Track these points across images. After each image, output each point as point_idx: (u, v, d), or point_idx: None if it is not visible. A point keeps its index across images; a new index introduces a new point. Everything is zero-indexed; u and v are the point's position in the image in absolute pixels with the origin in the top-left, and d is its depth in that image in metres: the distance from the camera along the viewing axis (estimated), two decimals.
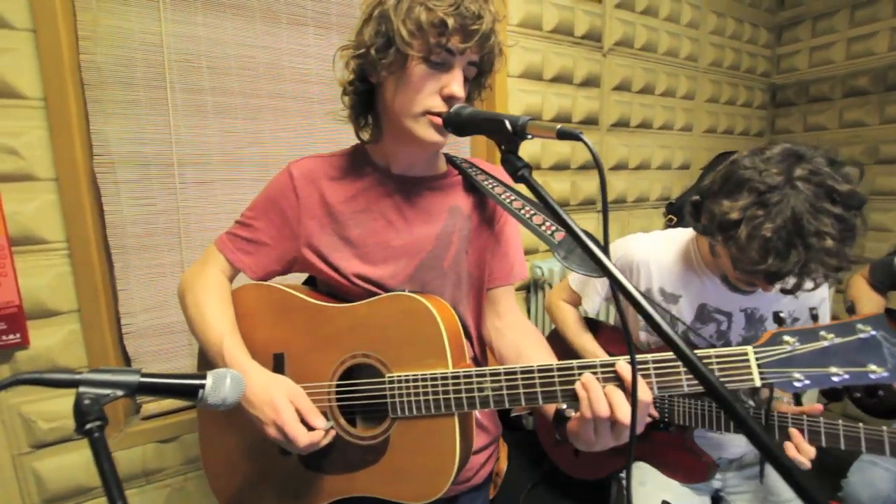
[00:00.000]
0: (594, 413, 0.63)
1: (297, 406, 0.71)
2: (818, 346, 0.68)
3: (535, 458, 1.61)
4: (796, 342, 0.69)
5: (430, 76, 0.72)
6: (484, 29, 0.70)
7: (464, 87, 0.75)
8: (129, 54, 1.23)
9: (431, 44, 0.69)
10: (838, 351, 0.68)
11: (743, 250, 0.89)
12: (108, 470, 0.53)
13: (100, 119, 1.20)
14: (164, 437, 1.37)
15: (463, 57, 0.72)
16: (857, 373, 0.68)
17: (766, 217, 0.85)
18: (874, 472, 1.40)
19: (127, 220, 1.26)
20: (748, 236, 0.86)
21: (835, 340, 0.68)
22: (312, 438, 0.70)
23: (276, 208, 0.82)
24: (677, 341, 0.45)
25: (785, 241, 0.84)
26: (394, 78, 0.74)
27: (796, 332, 0.70)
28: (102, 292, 1.24)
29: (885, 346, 0.68)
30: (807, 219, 0.83)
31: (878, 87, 2.46)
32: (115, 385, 0.58)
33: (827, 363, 0.68)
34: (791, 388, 0.69)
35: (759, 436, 0.39)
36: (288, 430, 0.68)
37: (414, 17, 0.68)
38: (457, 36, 0.69)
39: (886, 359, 0.67)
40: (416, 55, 0.70)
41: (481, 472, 0.94)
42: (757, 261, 0.87)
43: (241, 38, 1.36)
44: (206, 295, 0.80)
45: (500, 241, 0.90)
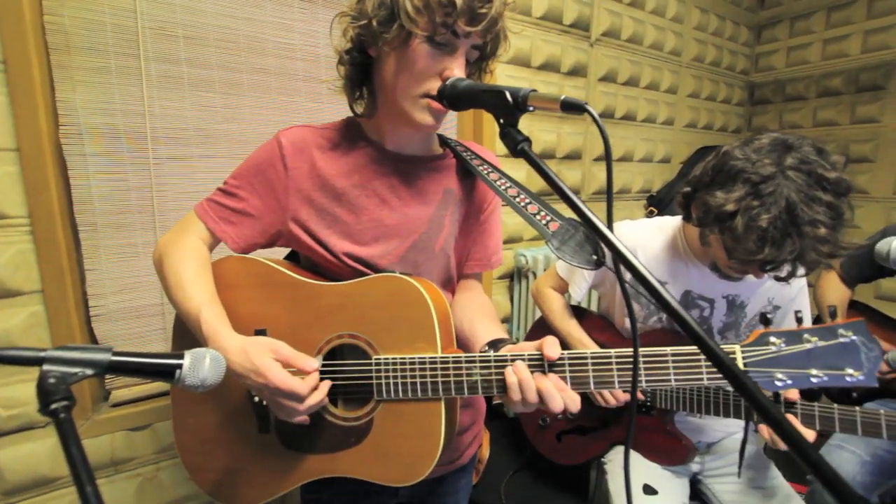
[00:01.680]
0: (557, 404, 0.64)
1: (281, 358, 0.67)
2: (802, 349, 0.71)
3: (517, 445, 1.62)
4: (782, 344, 0.71)
5: (431, 57, 0.69)
6: (492, 13, 0.67)
7: (465, 68, 0.72)
8: (98, 18, 1.15)
9: (437, 23, 0.66)
10: (820, 354, 0.71)
11: (739, 241, 0.89)
12: (75, 453, 0.49)
13: (66, 86, 1.12)
14: (135, 424, 1.31)
15: (467, 40, 0.69)
16: (835, 375, 0.71)
17: (761, 208, 0.86)
18: (841, 455, 1.46)
19: (96, 195, 1.19)
20: (745, 227, 0.87)
21: (818, 343, 0.71)
22: (311, 382, 0.67)
23: (262, 178, 0.78)
24: (695, 327, 0.43)
25: (781, 231, 0.85)
26: (394, 55, 0.70)
27: (782, 334, 0.72)
28: (68, 272, 1.17)
29: (862, 351, 0.71)
30: (801, 208, 0.84)
31: (850, 88, 2.54)
32: (83, 363, 0.54)
33: (808, 365, 0.71)
34: (773, 387, 0.71)
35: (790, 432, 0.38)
36: (283, 386, 0.64)
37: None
38: (464, 17, 0.66)
39: (863, 363, 0.70)
40: (420, 33, 0.67)
41: (467, 453, 0.94)
42: (754, 251, 0.88)
43: (221, 8, 1.30)
44: (185, 262, 0.75)
45: (485, 228, 0.89)
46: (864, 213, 2.54)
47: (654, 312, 1.22)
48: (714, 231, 0.97)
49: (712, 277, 1.15)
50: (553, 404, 0.62)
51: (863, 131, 2.51)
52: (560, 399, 0.62)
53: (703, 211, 0.98)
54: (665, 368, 0.68)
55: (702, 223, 1.01)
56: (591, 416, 1.31)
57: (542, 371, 0.65)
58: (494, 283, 1.94)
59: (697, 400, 1.13)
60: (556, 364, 0.66)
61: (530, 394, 0.63)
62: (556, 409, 0.62)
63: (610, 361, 0.66)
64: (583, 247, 0.76)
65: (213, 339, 0.67)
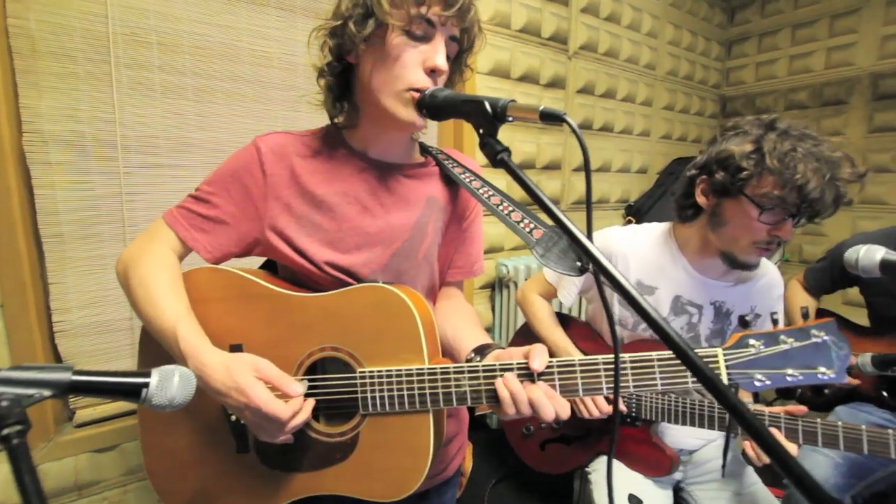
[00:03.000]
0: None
1: (265, 378, 0.65)
2: (779, 350, 0.74)
3: (500, 455, 1.60)
4: (761, 346, 0.73)
5: (411, 48, 0.68)
6: (464, 0, 0.67)
7: (449, 62, 0.72)
8: (67, 22, 1.11)
9: (412, 14, 0.66)
10: (795, 354, 0.74)
11: (771, 172, 0.95)
12: (28, 483, 0.46)
13: (31, 92, 1.08)
14: (100, 445, 1.25)
15: (444, 29, 0.69)
16: (809, 374, 0.74)
17: (781, 138, 0.95)
18: (814, 458, 1.49)
19: (62, 205, 1.14)
20: (773, 155, 0.94)
21: (793, 344, 0.74)
22: (293, 408, 0.64)
23: (238, 184, 0.75)
24: (670, 331, 0.43)
25: (804, 153, 0.93)
26: (373, 52, 0.70)
27: (761, 336, 0.74)
28: (30, 285, 1.11)
29: (833, 350, 0.75)
30: (811, 142, 0.94)
31: (815, 101, 2.65)
32: (40, 384, 0.50)
33: (785, 365, 0.74)
34: (752, 387, 0.73)
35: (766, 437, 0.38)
36: (266, 409, 0.62)
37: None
38: (437, 6, 0.67)
39: (833, 362, 0.74)
40: (396, 24, 0.67)
41: (452, 465, 0.92)
42: (790, 174, 0.93)
43: (196, 15, 1.27)
44: (155, 275, 0.71)
45: (467, 236, 0.89)
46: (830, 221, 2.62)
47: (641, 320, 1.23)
48: (737, 189, 1.01)
49: (705, 282, 1.16)
50: (544, 413, 0.62)
51: None
52: (551, 407, 0.62)
53: (723, 168, 1.03)
54: (651, 373, 0.68)
55: (721, 188, 1.05)
56: (576, 426, 1.31)
57: (531, 379, 0.64)
58: (476, 292, 1.94)
59: (682, 412, 1.13)
60: (545, 372, 0.65)
61: (523, 406, 0.63)
62: (548, 418, 0.62)
63: (598, 368, 0.67)
64: (566, 254, 0.76)
65: (192, 357, 0.64)
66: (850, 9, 2.48)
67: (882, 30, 2.39)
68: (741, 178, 0.98)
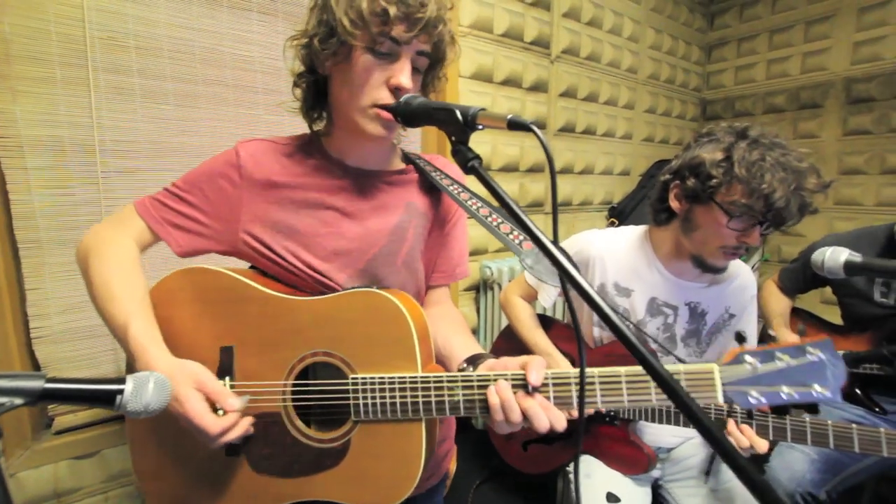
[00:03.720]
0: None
1: (205, 391, 0.64)
2: (774, 368, 0.74)
3: (484, 456, 1.62)
4: (757, 363, 0.73)
5: (376, 67, 0.69)
6: (429, 16, 0.67)
7: (415, 78, 0.73)
8: (43, 27, 1.10)
9: (374, 33, 0.67)
10: (791, 372, 0.73)
11: (739, 180, 0.97)
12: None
13: (6, 97, 1.07)
14: (80, 452, 1.23)
15: (410, 47, 0.70)
16: (804, 392, 0.74)
17: (750, 147, 0.98)
18: (791, 455, 1.52)
19: (38, 211, 1.13)
20: (742, 164, 0.97)
21: (789, 363, 0.74)
22: (223, 424, 0.63)
23: (214, 185, 0.76)
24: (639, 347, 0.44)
25: (772, 163, 0.95)
26: (339, 69, 0.72)
27: (757, 354, 0.74)
28: (6, 291, 1.10)
29: (829, 369, 0.75)
30: (780, 151, 0.97)
31: (792, 105, 2.71)
32: (11, 392, 0.50)
33: (780, 382, 0.73)
34: (747, 404, 0.73)
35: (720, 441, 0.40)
36: (196, 421, 0.62)
37: (355, 7, 0.66)
38: (401, 25, 0.67)
39: (829, 380, 0.74)
40: (359, 45, 0.68)
41: (440, 469, 0.93)
42: (757, 183, 0.95)
43: (175, 19, 1.27)
44: (115, 266, 0.70)
45: (449, 241, 0.89)
46: (806, 222, 2.68)
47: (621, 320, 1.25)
48: (707, 196, 1.03)
49: (679, 284, 1.19)
50: (538, 424, 0.61)
51: (804, 146, 2.66)
52: (546, 418, 0.61)
53: (695, 175, 1.05)
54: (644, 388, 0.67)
55: (692, 194, 1.07)
56: None
57: (526, 390, 0.63)
58: (461, 294, 1.95)
59: (660, 411, 1.15)
60: (540, 387, 0.64)
61: (514, 414, 0.62)
62: (542, 429, 0.61)
63: (593, 382, 0.66)
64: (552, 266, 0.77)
65: (140, 358, 0.63)
66: (824, 15, 2.55)
67: (854, 36, 2.45)
68: (711, 186, 1.01)
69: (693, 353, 1.25)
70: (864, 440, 0.97)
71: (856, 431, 0.97)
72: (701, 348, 1.25)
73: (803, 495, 1.47)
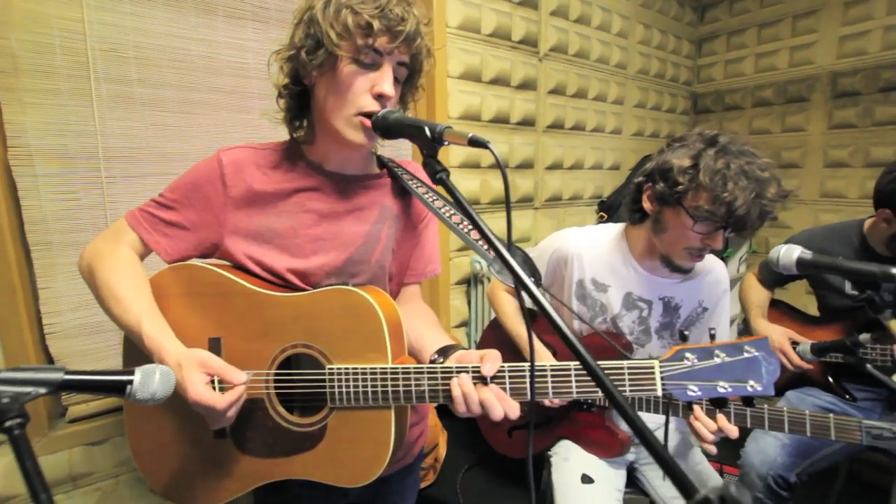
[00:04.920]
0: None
1: (211, 370, 0.71)
2: (712, 364, 0.80)
3: (472, 442, 1.70)
4: (695, 359, 0.80)
5: (360, 75, 0.75)
6: (409, 30, 0.74)
7: (395, 87, 0.79)
8: (47, 41, 1.17)
9: (359, 45, 0.73)
10: (727, 368, 0.79)
11: (703, 188, 1.03)
12: (30, 468, 0.54)
13: (15, 109, 1.14)
14: (92, 439, 1.32)
15: (392, 57, 0.76)
16: (739, 387, 0.80)
17: (716, 155, 1.03)
18: (765, 440, 1.60)
19: (48, 215, 1.20)
20: (707, 172, 1.02)
21: (726, 359, 0.80)
22: (228, 399, 0.70)
23: (200, 193, 0.81)
24: (577, 345, 0.52)
25: (736, 172, 1.00)
26: (325, 79, 0.77)
27: (696, 350, 0.81)
28: (20, 290, 1.18)
29: (763, 366, 0.81)
30: (745, 159, 1.02)
31: (780, 98, 2.75)
32: (35, 383, 0.58)
33: (717, 378, 0.79)
34: (686, 397, 0.80)
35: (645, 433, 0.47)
36: (204, 401, 0.68)
37: (341, 20, 0.71)
38: (383, 37, 0.73)
39: (763, 376, 0.80)
40: (345, 56, 0.74)
41: (412, 451, 1.00)
42: (720, 191, 1.00)
43: (173, 30, 1.33)
44: (120, 274, 0.77)
45: (421, 241, 0.96)
46: (793, 214, 2.75)
47: (598, 314, 1.32)
48: (675, 200, 1.08)
49: (653, 280, 1.26)
50: (494, 413, 0.68)
51: (791, 139, 2.73)
52: (500, 408, 0.68)
53: (664, 179, 1.10)
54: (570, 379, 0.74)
55: (661, 198, 1.12)
56: (539, 414, 1.41)
57: (484, 382, 0.70)
58: (452, 288, 2.02)
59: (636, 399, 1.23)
60: (497, 376, 0.71)
61: (473, 405, 0.69)
62: (497, 418, 0.68)
63: (545, 374, 0.73)
64: (521, 269, 0.84)
65: (156, 354, 0.70)
66: (810, 9, 2.58)
67: (840, 30, 2.49)
68: (678, 191, 1.07)
69: (667, 345, 1.32)
70: (815, 425, 1.04)
71: (808, 418, 1.04)
72: (675, 340, 1.32)
73: (774, 478, 1.55)
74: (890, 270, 0.90)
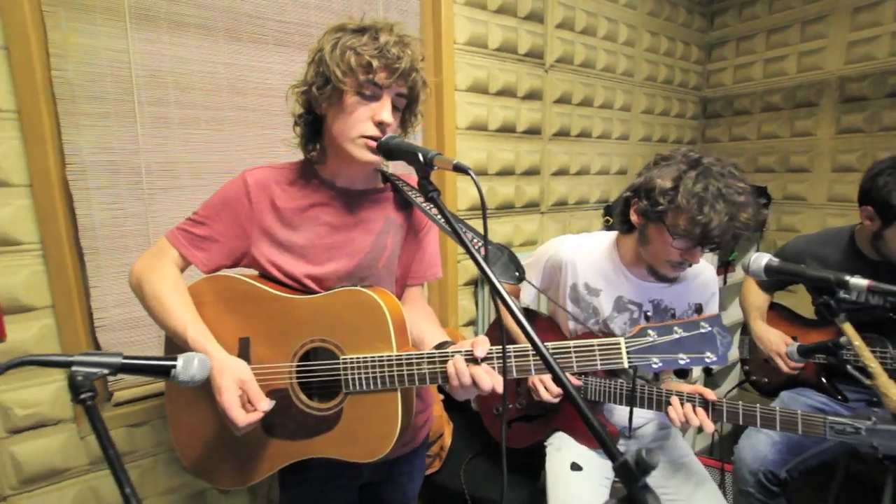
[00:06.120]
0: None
1: (245, 389, 0.84)
2: (671, 338, 0.91)
3: (476, 433, 1.82)
4: (656, 335, 0.91)
5: (363, 106, 0.88)
6: (404, 66, 0.87)
7: (396, 114, 0.92)
8: (98, 70, 1.33)
9: (361, 80, 0.86)
10: (686, 342, 0.91)
11: (681, 210, 1.10)
12: (101, 429, 0.68)
13: (72, 130, 1.30)
14: (134, 421, 1.49)
15: (391, 90, 0.89)
16: (697, 358, 0.91)
17: (696, 179, 1.10)
18: (757, 437, 1.67)
19: (98, 223, 1.37)
20: (685, 194, 1.10)
21: (683, 334, 0.91)
22: (248, 420, 0.82)
23: (229, 210, 0.95)
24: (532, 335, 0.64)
25: (713, 195, 1.08)
26: (333, 109, 0.91)
27: (657, 328, 0.92)
28: (75, 289, 1.34)
29: (718, 339, 0.92)
30: (725, 182, 1.09)
31: (788, 103, 2.77)
32: (101, 365, 0.72)
33: (677, 350, 0.90)
34: (650, 369, 0.91)
35: (574, 398, 0.58)
36: (227, 411, 0.82)
37: (346, 60, 0.85)
38: (382, 73, 0.86)
39: (718, 348, 0.91)
40: (349, 90, 0.87)
41: (419, 436, 1.13)
42: (695, 213, 1.08)
43: (205, 56, 1.48)
44: (165, 287, 0.90)
45: (422, 247, 1.08)
46: (802, 218, 2.77)
47: (591, 316, 1.42)
48: (656, 217, 1.16)
49: (642, 284, 1.35)
50: (483, 385, 0.80)
51: (800, 144, 2.74)
52: (489, 381, 0.81)
53: (647, 197, 1.19)
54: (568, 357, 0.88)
55: (645, 214, 1.21)
56: (536, 407, 1.51)
57: (476, 363, 0.83)
58: (460, 289, 2.14)
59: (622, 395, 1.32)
60: (485, 358, 0.84)
61: (465, 378, 0.82)
62: (486, 389, 0.81)
63: (527, 354, 0.86)
64: (508, 266, 0.98)
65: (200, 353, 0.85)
66: (819, 15, 2.60)
67: (849, 35, 2.50)
68: (658, 211, 1.16)
69: None
70: (783, 420, 1.12)
71: (778, 413, 1.12)
72: None
73: (765, 473, 1.62)
74: (843, 277, 0.98)
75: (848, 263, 1.58)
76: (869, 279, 1.02)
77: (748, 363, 1.93)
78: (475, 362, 0.84)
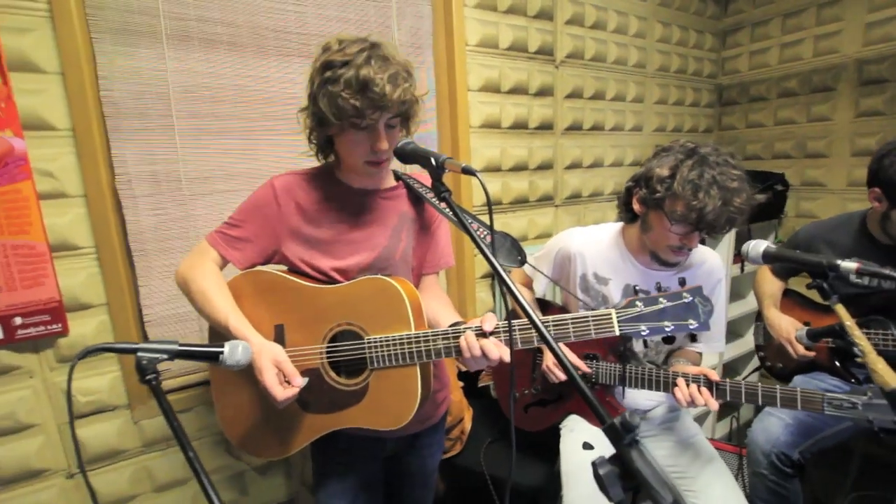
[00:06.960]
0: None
1: (281, 368, 0.95)
2: (657, 308, 0.99)
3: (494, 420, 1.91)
4: (643, 306, 0.99)
5: (360, 137, 0.99)
6: (388, 101, 0.93)
7: (394, 133, 1.02)
8: (140, 89, 1.46)
9: (352, 120, 0.96)
10: (671, 311, 0.99)
11: (678, 196, 1.17)
12: (165, 405, 0.80)
13: (119, 144, 1.44)
14: (181, 408, 1.63)
15: (382, 118, 0.98)
16: (681, 325, 0.99)
17: (692, 168, 1.17)
18: (770, 420, 1.71)
19: (145, 227, 1.51)
20: (682, 182, 1.17)
21: (667, 304, 0.99)
22: (287, 395, 0.93)
23: (260, 213, 1.07)
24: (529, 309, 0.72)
25: (708, 182, 1.15)
26: (337, 137, 1.03)
27: (643, 299, 1.00)
28: (126, 288, 1.49)
29: (700, 307, 1.00)
30: (720, 169, 1.16)
31: (804, 88, 2.74)
32: (161, 351, 0.84)
33: (663, 319, 0.98)
34: (638, 335, 0.99)
35: (567, 366, 0.67)
36: (268, 388, 0.93)
37: (335, 104, 0.93)
38: (369, 109, 0.94)
39: (700, 315, 0.98)
40: (345, 127, 0.97)
41: (437, 412, 1.23)
42: (691, 199, 1.15)
43: (235, 70, 1.60)
44: (209, 284, 1.02)
45: (434, 239, 1.19)
46: (821, 203, 2.75)
47: (601, 304, 1.49)
48: (655, 204, 1.23)
49: (649, 272, 1.42)
50: (492, 355, 0.91)
51: (817, 129, 2.72)
52: (497, 351, 0.91)
53: (646, 185, 1.26)
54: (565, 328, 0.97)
55: (645, 201, 1.28)
56: (550, 391, 1.59)
57: (485, 336, 0.93)
58: (478, 281, 2.22)
59: (632, 377, 1.39)
60: (493, 332, 0.94)
61: (475, 350, 0.92)
62: (494, 359, 0.91)
63: (530, 327, 0.95)
64: (511, 252, 1.08)
65: (241, 339, 0.96)
66: None
67: (866, 17, 2.46)
68: (657, 198, 1.22)
69: None
70: (784, 398, 1.17)
71: (778, 391, 1.18)
72: None
73: (777, 455, 1.66)
74: (834, 261, 1.02)
75: (858, 248, 1.60)
76: (878, 262, 1.06)
77: (763, 349, 1.96)
78: (484, 336, 0.94)
